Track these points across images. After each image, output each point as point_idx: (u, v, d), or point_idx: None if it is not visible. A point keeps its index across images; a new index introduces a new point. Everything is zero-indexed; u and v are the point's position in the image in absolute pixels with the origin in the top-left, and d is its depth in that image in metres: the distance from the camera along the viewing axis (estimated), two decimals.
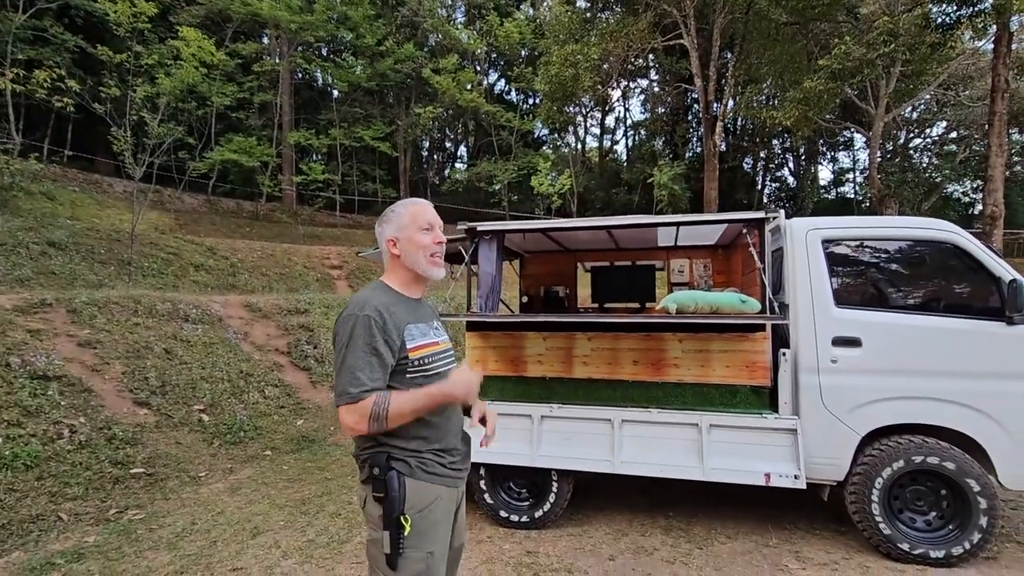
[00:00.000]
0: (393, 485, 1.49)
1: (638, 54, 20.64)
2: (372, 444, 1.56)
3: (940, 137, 25.16)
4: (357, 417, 1.45)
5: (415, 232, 1.65)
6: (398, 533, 1.47)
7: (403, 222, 1.67)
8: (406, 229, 1.66)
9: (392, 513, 1.48)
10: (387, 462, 1.52)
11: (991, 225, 13.13)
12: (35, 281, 8.13)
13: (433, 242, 1.66)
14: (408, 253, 1.65)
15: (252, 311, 8.18)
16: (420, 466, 1.54)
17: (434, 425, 1.59)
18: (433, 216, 1.70)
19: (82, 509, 3.92)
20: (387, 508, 1.48)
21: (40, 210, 12.64)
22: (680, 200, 21.32)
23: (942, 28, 13.97)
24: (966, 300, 3.38)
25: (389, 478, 1.50)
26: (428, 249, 1.65)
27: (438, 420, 1.60)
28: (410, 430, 1.54)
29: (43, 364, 5.02)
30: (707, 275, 5.23)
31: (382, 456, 1.53)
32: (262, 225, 20.13)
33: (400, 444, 1.54)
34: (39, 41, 16.30)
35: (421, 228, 1.66)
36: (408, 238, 1.65)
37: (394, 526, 1.47)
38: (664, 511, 3.97)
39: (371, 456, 1.55)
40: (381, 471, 1.51)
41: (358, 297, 1.59)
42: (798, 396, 3.39)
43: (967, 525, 3.07)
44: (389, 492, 1.49)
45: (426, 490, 1.54)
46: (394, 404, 1.47)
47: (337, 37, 23.64)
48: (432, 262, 1.67)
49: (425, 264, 1.66)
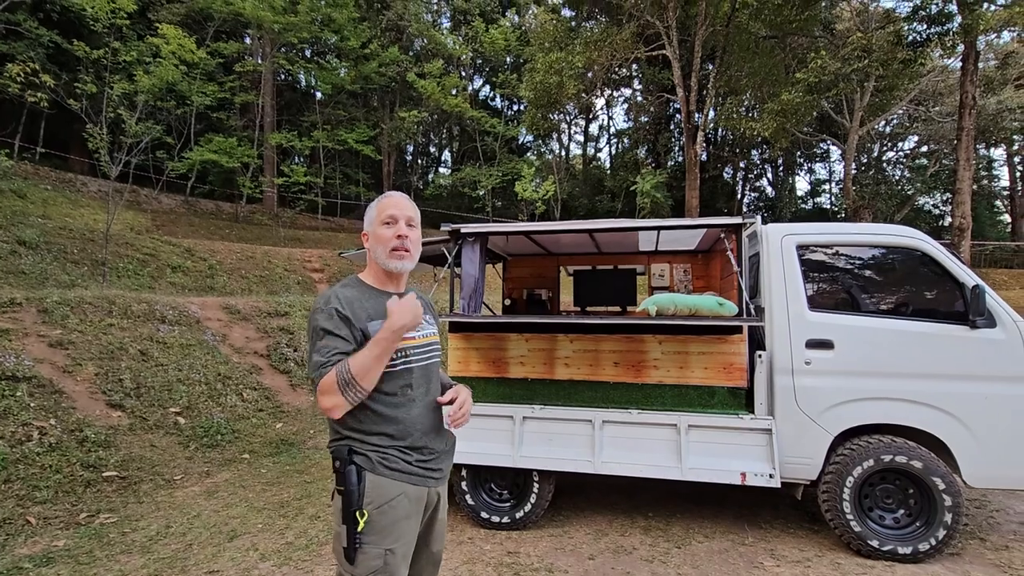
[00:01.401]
0: (351, 479, 1.47)
1: (622, 63, 20.92)
2: (337, 437, 1.55)
3: (912, 151, 25.99)
4: (328, 393, 1.43)
5: (379, 226, 1.64)
6: (353, 527, 1.45)
7: (371, 216, 1.67)
8: (373, 223, 1.66)
9: (350, 507, 1.46)
10: (348, 455, 1.50)
11: (959, 236, 13.59)
12: (3, 280, 7.90)
13: (393, 236, 1.62)
14: (374, 248, 1.65)
15: (231, 313, 8.06)
16: (381, 461, 1.51)
17: (399, 420, 1.55)
18: (397, 207, 1.65)
19: (51, 513, 3.81)
20: (345, 501, 1.47)
21: (10, 208, 12.27)
22: (662, 208, 21.63)
23: (913, 45, 14.48)
24: (933, 305, 3.51)
25: (348, 471, 1.48)
26: (389, 243, 1.62)
27: (403, 415, 1.56)
28: (373, 425, 1.52)
29: (12, 365, 4.88)
30: (687, 280, 5.32)
31: (344, 449, 1.52)
32: (242, 227, 19.83)
33: (361, 438, 1.52)
34: (12, 35, 15.90)
35: (383, 221, 1.64)
36: (374, 232, 1.65)
37: (350, 520, 1.46)
38: (643, 511, 4.02)
39: (335, 449, 1.54)
40: (342, 464, 1.50)
41: (324, 292, 1.60)
42: (773, 397, 3.47)
43: (933, 522, 3.17)
44: (347, 486, 1.47)
45: (387, 486, 1.51)
46: (354, 363, 1.43)
47: (321, 39, 23.47)
48: (391, 255, 1.62)
49: (384, 257, 1.63)
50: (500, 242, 4.85)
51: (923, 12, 14.34)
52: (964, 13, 13.01)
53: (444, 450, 1.68)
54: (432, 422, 1.64)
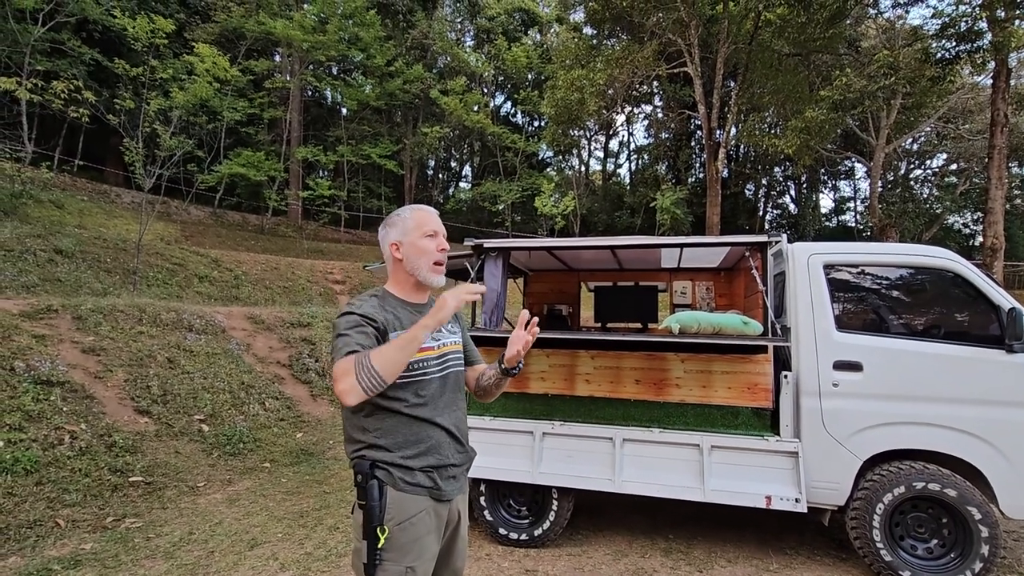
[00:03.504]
0: (373, 494, 1.45)
1: (643, 81, 21.03)
2: (358, 447, 1.52)
3: (940, 169, 25.47)
4: (343, 376, 1.35)
5: (419, 237, 1.61)
6: (374, 544, 1.43)
7: (408, 226, 1.62)
8: (410, 234, 1.61)
9: (371, 523, 1.44)
10: (370, 469, 1.47)
11: (991, 257, 13.21)
12: (41, 288, 8.18)
13: (436, 249, 1.62)
14: (411, 258, 1.61)
15: (255, 323, 8.21)
16: (403, 477, 1.48)
17: (419, 433, 1.53)
18: (438, 223, 1.66)
19: (80, 516, 3.90)
20: (367, 517, 1.45)
21: (48, 218, 12.78)
22: (682, 224, 21.50)
23: (942, 63, 14.25)
24: (966, 327, 3.41)
25: (370, 486, 1.45)
26: (431, 256, 1.61)
27: (422, 429, 1.54)
28: (392, 438, 1.50)
29: (47, 369, 5.04)
30: (710, 297, 5.27)
31: (365, 463, 1.49)
32: (267, 239, 20.28)
33: (383, 454, 1.49)
34: (56, 53, 16.68)
35: (425, 234, 1.61)
36: (412, 243, 1.61)
37: (371, 536, 1.43)
38: (664, 533, 3.94)
39: (356, 463, 1.50)
40: (363, 478, 1.47)
41: (351, 301, 1.59)
42: (799, 419, 3.40)
43: (969, 554, 3.05)
44: (369, 501, 1.44)
45: (408, 502, 1.48)
46: (375, 350, 1.39)
47: (348, 57, 24.13)
48: (434, 269, 1.62)
49: (427, 271, 1.61)
50: (522, 257, 4.88)
51: (952, 30, 14.13)
52: (995, 30, 12.79)
53: (464, 464, 1.65)
54: (452, 436, 1.61)
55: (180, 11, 20.24)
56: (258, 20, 20.34)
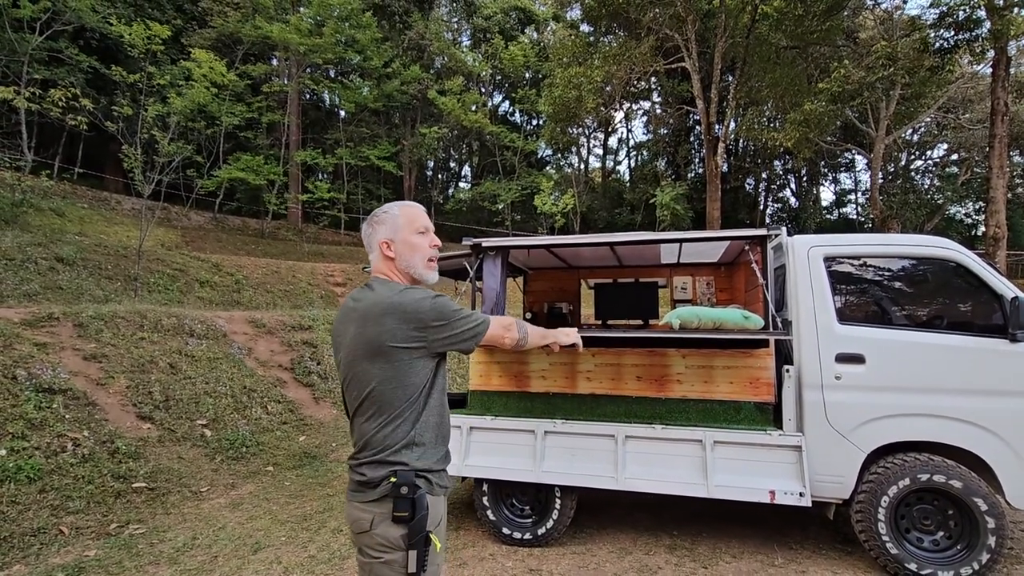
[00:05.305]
0: (424, 503, 1.45)
1: (640, 77, 20.98)
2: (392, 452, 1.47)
3: (941, 159, 25.38)
4: (510, 326, 1.73)
5: (411, 235, 1.61)
6: (426, 550, 1.42)
7: (399, 224, 1.61)
8: (402, 231, 1.61)
9: (421, 531, 1.42)
10: (415, 480, 1.45)
11: (994, 246, 13.17)
12: (43, 296, 8.20)
13: (429, 245, 1.64)
14: (404, 256, 1.60)
15: (256, 327, 8.21)
16: (438, 482, 1.53)
17: (443, 435, 1.59)
18: (427, 220, 1.68)
19: (83, 523, 3.90)
20: (416, 527, 1.42)
21: (49, 226, 12.81)
22: (682, 220, 21.46)
23: (940, 52, 14.19)
24: (969, 317, 3.38)
25: (420, 497, 1.44)
26: (425, 253, 1.62)
27: (446, 431, 1.61)
28: (432, 442, 1.53)
29: (49, 377, 5.04)
30: (710, 292, 5.25)
31: (410, 474, 1.46)
32: (267, 242, 20.30)
33: (423, 461, 1.49)
34: (54, 62, 16.72)
35: (417, 231, 1.62)
36: (404, 240, 1.60)
37: (422, 544, 1.42)
38: (668, 530, 3.93)
39: (400, 474, 1.45)
40: (410, 489, 1.44)
41: (417, 290, 1.55)
42: (802, 413, 3.38)
43: (975, 545, 3.03)
44: (419, 511, 1.43)
45: (439, 504, 1.53)
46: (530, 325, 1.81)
47: (345, 59, 24.15)
48: (428, 266, 1.64)
49: (422, 268, 1.62)
50: (521, 256, 4.86)
51: (950, 19, 14.06)
52: (994, 18, 12.73)
53: None
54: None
55: (177, 17, 20.28)
56: (254, 24, 20.35)
